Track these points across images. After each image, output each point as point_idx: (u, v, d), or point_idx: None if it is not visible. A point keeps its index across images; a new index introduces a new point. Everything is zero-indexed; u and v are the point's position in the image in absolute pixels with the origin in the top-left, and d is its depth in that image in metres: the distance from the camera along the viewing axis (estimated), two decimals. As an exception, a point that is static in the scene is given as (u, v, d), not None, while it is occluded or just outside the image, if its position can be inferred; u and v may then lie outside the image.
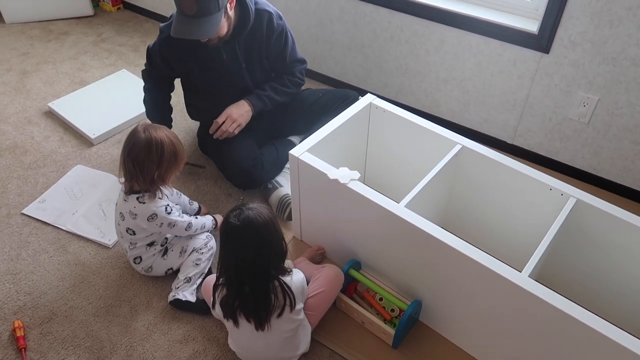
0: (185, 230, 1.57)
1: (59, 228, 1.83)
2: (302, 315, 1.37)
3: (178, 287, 1.59)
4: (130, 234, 1.55)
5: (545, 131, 2.03)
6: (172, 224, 1.52)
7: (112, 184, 2.01)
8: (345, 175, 1.45)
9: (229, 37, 1.73)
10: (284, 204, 1.84)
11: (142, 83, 2.02)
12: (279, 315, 1.27)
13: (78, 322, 1.56)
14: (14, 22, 3.02)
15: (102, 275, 1.69)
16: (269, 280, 1.26)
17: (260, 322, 1.27)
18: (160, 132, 1.46)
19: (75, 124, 2.25)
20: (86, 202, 1.93)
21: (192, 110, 2.06)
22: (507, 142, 2.16)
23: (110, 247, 1.77)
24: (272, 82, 1.93)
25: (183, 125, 2.31)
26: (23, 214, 1.88)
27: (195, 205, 1.81)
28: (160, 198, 1.50)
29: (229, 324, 1.34)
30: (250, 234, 1.21)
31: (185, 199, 1.76)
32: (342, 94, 2.05)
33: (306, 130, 1.92)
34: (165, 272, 1.64)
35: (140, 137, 1.44)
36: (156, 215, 1.49)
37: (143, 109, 2.32)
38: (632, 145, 1.86)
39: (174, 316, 1.57)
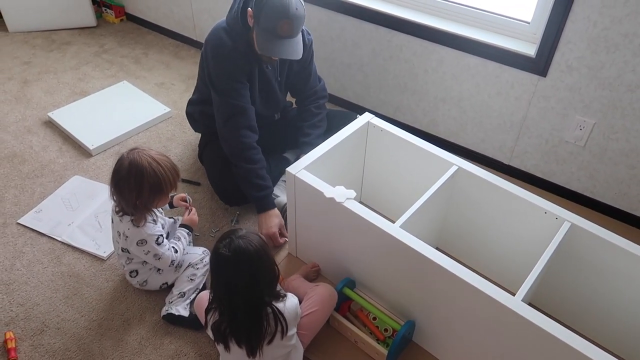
0: (169, 266, 1.57)
1: (54, 239, 1.83)
2: (294, 340, 1.36)
3: (172, 302, 1.58)
4: (127, 252, 1.55)
5: (541, 153, 2.04)
6: (158, 256, 1.52)
7: (109, 195, 2.01)
8: (341, 194, 1.46)
9: None
10: (284, 212, 1.85)
11: (141, 95, 2.01)
12: (269, 342, 1.26)
13: (70, 334, 1.55)
14: (17, 31, 3.05)
15: (95, 287, 1.68)
16: (261, 308, 1.24)
17: (252, 349, 1.25)
18: (144, 160, 1.42)
19: (74, 135, 2.26)
20: (82, 213, 1.93)
21: (203, 120, 2.03)
22: (504, 162, 2.18)
23: (105, 259, 1.77)
24: (308, 122, 1.99)
25: (182, 138, 2.32)
26: (19, 223, 1.88)
27: (176, 221, 1.72)
28: (154, 221, 1.50)
29: (220, 348, 1.33)
30: (241, 264, 1.20)
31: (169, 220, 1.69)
32: (343, 115, 2.07)
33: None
34: (160, 287, 1.64)
35: (123, 164, 1.43)
36: (145, 242, 1.49)
37: (142, 121, 2.36)
38: (627, 169, 1.87)
39: (166, 331, 1.57)
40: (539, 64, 1.84)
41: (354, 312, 1.58)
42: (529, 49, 1.87)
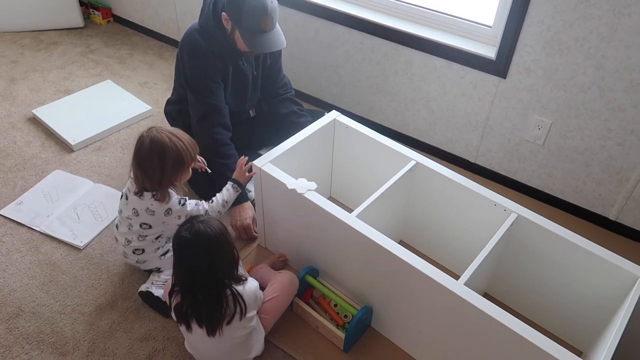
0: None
1: (33, 229, 1.91)
2: (254, 322, 1.43)
3: (154, 283, 1.66)
4: (145, 228, 1.57)
5: (504, 152, 2.13)
6: (188, 215, 1.54)
7: (88, 189, 2.09)
8: (303, 185, 1.54)
9: None
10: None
11: (123, 93, 2.08)
12: (229, 322, 1.33)
13: (44, 319, 1.62)
14: (5, 31, 3.13)
15: (71, 275, 1.76)
16: (221, 289, 1.32)
17: (212, 328, 1.32)
18: (163, 135, 1.46)
19: (57, 131, 2.33)
20: (62, 206, 2.00)
21: (180, 119, 2.08)
22: (470, 161, 2.26)
23: (82, 248, 1.84)
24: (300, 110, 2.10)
25: (161, 135, 2.40)
26: (0, 214, 1.96)
27: (230, 192, 1.71)
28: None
29: (182, 328, 1.40)
30: (201, 246, 1.27)
31: (216, 205, 1.68)
32: (312, 113, 2.15)
33: (276, 143, 2.01)
34: (151, 270, 1.69)
35: (144, 142, 1.46)
36: (171, 210, 1.53)
37: (123, 118, 2.44)
38: (583, 167, 1.96)
39: (137, 316, 1.64)
40: (499, 66, 1.93)
41: (316, 299, 1.66)
42: (490, 52, 1.96)
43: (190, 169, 1.55)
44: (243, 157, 1.71)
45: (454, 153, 2.30)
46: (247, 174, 1.67)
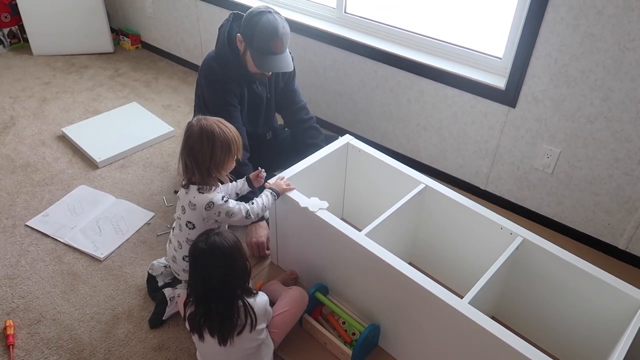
0: (246, 218, 1.58)
1: (57, 240, 2.00)
2: (264, 335, 1.48)
3: (170, 282, 1.76)
4: (190, 228, 1.58)
5: (514, 179, 2.18)
6: (230, 213, 1.55)
7: (111, 204, 2.18)
8: (315, 204, 1.61)
9: None
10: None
11: (148, 115, 2.19)
12: (239, 333, 1.38)
13: (64, 325, 1.69)
14: (40, 54, 3.31)
15: (91, 285, 1.83)
16: (233, 300, 1.37)
17: (223, 338, 1.37)
18: (212, 122, 1.50)
19: (84, 148, 2.45)
20: (85, 219, 2.10)
21: None
22: (481, 187, 2.31)
23: (102, 260, 1.92)
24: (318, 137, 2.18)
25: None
26: (27, 225, 2.06)
27: (244, 185, 1.77)
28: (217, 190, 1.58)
29: (194, 338, 1.46)
30: (216, 257, 1.34)
31: (233, 185, 1.75)
32: (327, 138, 2.23)
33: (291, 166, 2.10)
34: (178, 273, 1.72)
35: (193, 130, 1.49)
36: (213, 203, 1.52)
37: (147, 138, 2.55)
38: (591, 196, 1.99)
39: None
40: (509, 96, 2.00)
41: (325, 316, 1.70)
42: (500, 82, 2.03)
43: (234, 160, 1.57)
44: (281, 174, 1.77)
45: (464, 179, 2.35)
46: (284, 186, 1.69)
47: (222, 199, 1.56)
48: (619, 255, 2.03)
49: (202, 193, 1.53)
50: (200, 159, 1.50)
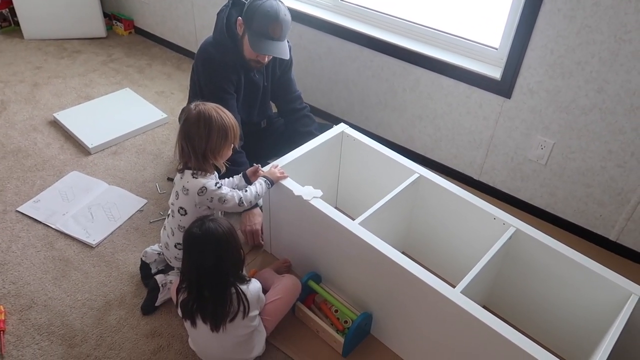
0: (239, 205, 1.57)
1: (49, 226, 1.98)
2: (256, 322, 1.48)
3: (163, 269, 1.75)
4: (182, 214, 1.57)
5: (508, 170, 2.18)
6: (222, 199, 1.54)
7: (103, 190, 2.17)
8: (309, 192, 1.61)
9: None
10: None
11: (141, 101, 2.17)
12: (232, 320, 1.38)
13: (55, 312, 1.68)
14: (32, 39, 3.26)
15: (82, 271, 1.82)
16: (226, 287, 1.37)
17: (216, 324, 1.38)
18: (211, 109, 1.50)
19: (76, 134, 2.43)
20: (77, 205, 2.08)
21: None
22: (474, 178, 2.31)
23: (94, 246, 1.91)
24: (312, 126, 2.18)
25: (175, 142, 2.47)
26: (18, 211, 2.04)
27: (241, 180, 1.75)
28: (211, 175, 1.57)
29: (187, 324, 1.46)
30: (210, 243, 1.34)
31: (230, 181, 1.74)
32: (322, 127, 2.23)
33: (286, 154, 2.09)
34: (170, 260, 1.72)
35: (191, 113, 1.49)
36: (205, 189, 1.51)
37: (139, 125, 2.53)
38: (584, 187, 2.00)
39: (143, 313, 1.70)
40: (504, 87, 2.00)
41: (318, 304, 1.70)
42: (496, 73, 2.02)
43: (231, 148, 1.56)
44: (275, 162, 1.76)
45: (458, 170, 2.35)
46: (278, 175, 1.68)
47: (216, 185, 1.55)
48: (610, 246, 2.04)
49: (196, 178, 1.52)
50: (196, 142, 1.49)
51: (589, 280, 1.44)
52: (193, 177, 1.52)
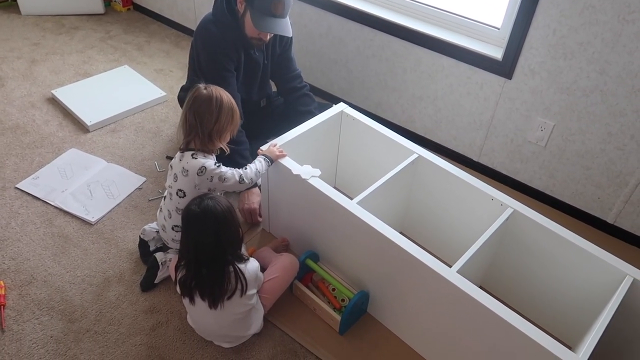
0: (240, 183, 1.58)
1: (48, 203, 1.99)
2: (254, 300, 1.49)
3: (162, 247, 1.76)
4: (180, 197, 1.57)
5: (507, 152, 2.18)
6: (223, 177, 1.55)
7: (102, 168, 2.17)
8: (307, 171, 1.61)
9: None
10: None
11: (140, 79, 2.14)
12: (229, 297, 1.40)
13: (55, 287, 1.70)
14: (29, 14, 3.22)
15: (82, 248, 1.83)
16: (224, 265, 1.38)
17: (214, 301, 1.39)
18: (221, 91, 1.54)
19: (75, 111, 2.42)
20: (76, 182, 2.08)
21: None
22: (474, 159, 2.31)
23: (93, 223, 1.92)
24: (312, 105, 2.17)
25: (174, 120, 2.48)
26: (17, 188, 2.04)
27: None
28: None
29: (185, 301, 1.47)
30: (208, 220, 1.34)
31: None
32: (321, 106, 2.21)
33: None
34: (167, 242, 1.73)
35: (202, 93, 1.51)
36: (205, 168, 1.52)
37: (138, 103, 2.52)
38: (583, 170, 2.00)
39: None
40: (505, 67, 1.98)
41: (315, 283, 1.72)
42: (497, 53, 2.01)
43: (233, 132, 1.59)
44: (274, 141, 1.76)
45: (457, 151, 2.35)
46: (277, 153, 1.68)
47: (215, 164, 1.55)
48: (607, 229, 2.05)
49: (195, 158, 1.53)
50: (205, 121, 1.51)
51: (585, 261, 1.45)
52: (192, 158, 1.53)
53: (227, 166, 1.83)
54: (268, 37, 1.89)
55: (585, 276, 1.47)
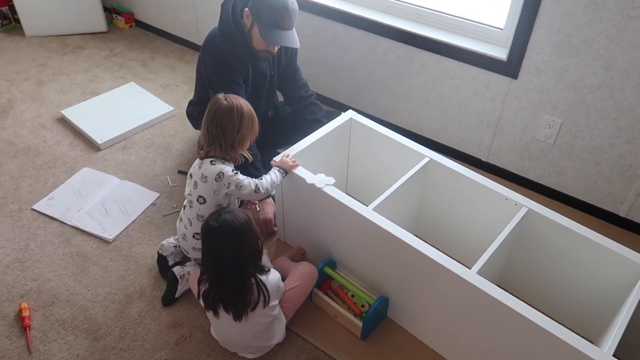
0: (255, 192, 1.60)
1: (64, 223, 2.01)
2: (276, 311, 1.51)
3: (180, 261, 1.79)
4: (201, 203, 1.59)
5: (515, 150, 2.19)
6: (239, 185, 1.57)
7: (115, 185, 2.19)
8: (322, 180, 1.62)
9: None
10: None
11: (147, 95, 2.16)
12: (253, 309, 1.42)
13: (78, 306, 1.72)
14: (33, 36, 3.26)
15: (101, 266, 1.85)
16: (246, 277, 1.40)
17: (238, 313, 1.41)
18: (240, 100, 1.57)
19: (85, 130, 2.44)
20: (91, 201, 2.10)
21: (201, 117, 2.18)
22: (482, 160, 2.33)
23: (111, 241, 1.94)
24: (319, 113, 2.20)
25: (183, 135, 2.50)
26: (33, 209, 2.06)
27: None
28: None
29: (209, 315, 1.49)
30: (227, 235, 1.37)
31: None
32: (329, 114, 2.24)
33: (294, 143, 2.10)
34: (187, 251, 1.75)
35: (222, 104, 1.54)
36: (223, 174, 1.55)
37: (147, 119, 2.54)
38: (593, 165, 2.01)
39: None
40: (511, 67, 2.00)
41: (334, 290, 1.73)
42: (502, 53, 2.02)
43: (253, 139, 1.62)
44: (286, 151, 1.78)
45: (466, 152, 2.36)
46: (290, 163, 1.70)
47: (232, 171, 1.58)
48: (620, 222, 2.06)
49: (214, 164, 1.56)
50: (228, 131, 1.54)
51: (602, 256, 1.46)
52: (211, 164, 1.56)
53: None
54: (276, 49, 1.92)
55: (603, 271, 1.48)
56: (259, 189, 1.61)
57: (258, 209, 1.94)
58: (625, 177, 1.96)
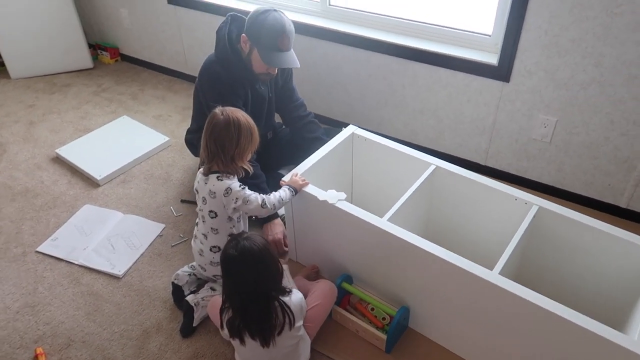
0: (262, 207, 1.60)
1: (71, 263, 1.97)
2: (302, 332, 1.50)
3: (195, 290, 1.77)
4: (212, 217, 1.61)
5: (513, 152, 2.23)
6: (246, 200, 1.57)
7: (119, 220, 2.16)
8: (333, 196, 1.63)
9: None
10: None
11: (140, 127, 2.16)
12: (279, 333, 1.40)
13: (94, 347, 1.68)
14: (19, 77, 3.24)
15: (114, 303, 1.82)
16: (269, 302, 1.39)
17: (265, 340, 1.39)
18: (237, 113, 1.56)
19: (82, 167, 2.42)
20: (96, 238, 2.08)
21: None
22: (481, 164, 2.36)
23: (121, 277, 1.91)
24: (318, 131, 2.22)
25: (182, 164, 2.49)
26: (37, 251, 2.03)
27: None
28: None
29: (235, 343, 1.47)
30: (247, 261, 1.36)
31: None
32: (328, 131, 2.26)
33: (295, 163, 2.11)
34: (205, 268, 1.74)
35: (219, 119, 1.53)
36: (231, 189, 1.55)
37: (144, 151, 2.53)
38: (590, 160, 2.06)
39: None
40: (502, 71, 2.05)
41: (354, 305, 1.73)
42: (492, 59, 2.08)
43: (253, 150, 1.62)
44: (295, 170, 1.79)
45: (464, 158, 2.40)
46: (300, 182, 1.70)
47: (240, 187, 1.59)
48: (622, 213, 2.11)
49: (221, 180, 1.56)
50: (227, 145, 1.54)
51: (617, 247, 1.49)
52: (218, 180, 1.57)
53: None
54: (276, 71, 1.94)
55: (618, 261, 1.51)
56: (265, 204, 1.61)
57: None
58: (623, 168, 2.01)
